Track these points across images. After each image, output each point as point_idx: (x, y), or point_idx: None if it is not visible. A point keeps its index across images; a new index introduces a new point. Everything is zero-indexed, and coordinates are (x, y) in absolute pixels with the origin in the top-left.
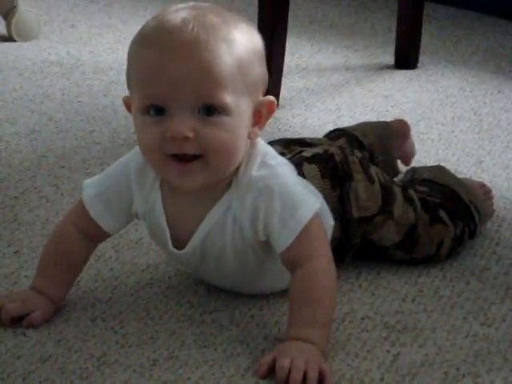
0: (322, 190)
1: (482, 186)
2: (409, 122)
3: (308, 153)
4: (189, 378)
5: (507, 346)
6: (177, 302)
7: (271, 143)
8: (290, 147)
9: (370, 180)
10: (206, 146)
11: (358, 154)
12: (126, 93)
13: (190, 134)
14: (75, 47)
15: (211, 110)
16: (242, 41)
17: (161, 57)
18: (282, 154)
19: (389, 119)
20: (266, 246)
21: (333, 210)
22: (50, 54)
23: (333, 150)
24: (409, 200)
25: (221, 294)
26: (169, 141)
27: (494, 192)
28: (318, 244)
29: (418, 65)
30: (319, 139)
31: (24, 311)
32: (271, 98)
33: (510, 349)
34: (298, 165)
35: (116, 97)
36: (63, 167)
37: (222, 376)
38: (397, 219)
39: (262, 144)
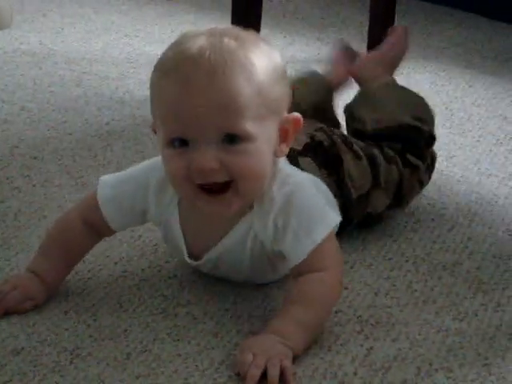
0: (323, 180)
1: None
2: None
3: (297, 145)
4: (162, 372)
5: (479, 341)
6: (150, 295)
7: None
8: None
9: (358, 157)
10: (233, 173)
11: (337, 131)
12: (98, 83)
13: (216, 166)
14: (47, 37)
15: (234, 139)
16: (261, 64)
17: (179, 91)
18: None
19: None
20: (281, 253)
21: (334, 196)
22: (22, 44)
23: (319, 135)
24: (389, 159)
25: (194, 287)
26: (195, 172)
27: (465, 187)
28: (328, 260)
29: None
30: None
31: (22, 301)
32: (296, 114)
33: (482, 343)
34: (293, 160)
35: (88, 87)
36: (35, 158)
37: (195, 370)
38: (384, 185)
39: (283, 162)
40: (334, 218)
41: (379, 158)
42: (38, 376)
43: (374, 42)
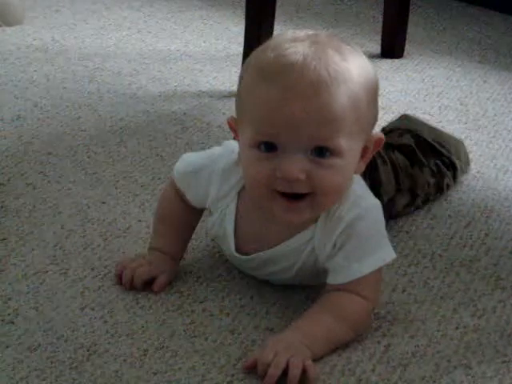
0: None
1: None
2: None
3: None
4: (180, 369)
5: (498, 337)
6: (166, 291)
7: None
8: None
9: (385, 162)
10: (315, 186)
11: None
12: (112, 79)
13: (302, 176)
14: (60, 33)
15: (324, 152)
16: (360, 81)
17: (280, 96)
18: None
19: None
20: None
21: None
22: (35, 40)
23: None
24: (401, 165)
25: (210, 283)
26: (279, 179)
27: (481, 183)
28: (368, 290)
29: (404, 54)
30: None
31: (154, 273)
32: (380, 134)
33: (500, 340)
34: None
35: (101, 83)
36: (50, 154)
37: (212, 366)
38: (403, 189)
39: (357, 181)
40: (390, 254)
41: (399, 159)
42: (54, 372)
43: (387, 37)
